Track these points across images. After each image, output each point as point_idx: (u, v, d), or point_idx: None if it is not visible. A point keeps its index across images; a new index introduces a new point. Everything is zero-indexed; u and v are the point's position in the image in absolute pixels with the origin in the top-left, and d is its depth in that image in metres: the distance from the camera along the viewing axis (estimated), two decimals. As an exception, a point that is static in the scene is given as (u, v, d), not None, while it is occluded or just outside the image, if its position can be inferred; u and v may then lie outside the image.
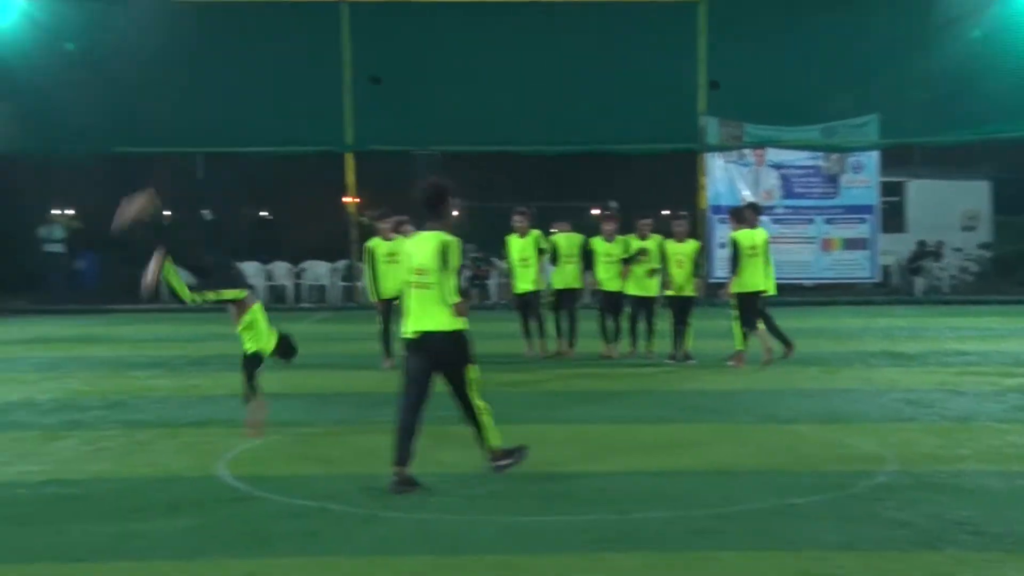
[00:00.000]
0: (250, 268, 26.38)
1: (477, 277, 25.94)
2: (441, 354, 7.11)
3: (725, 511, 6.33)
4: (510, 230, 14.46)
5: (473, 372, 7.20)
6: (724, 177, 24.71)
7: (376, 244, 13.33)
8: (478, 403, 7.19)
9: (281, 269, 26.69)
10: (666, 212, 18.60)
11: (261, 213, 37.76)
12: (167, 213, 18.03)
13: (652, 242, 14.10)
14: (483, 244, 25.01)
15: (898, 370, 12.69)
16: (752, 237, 13.27)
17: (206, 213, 32.67)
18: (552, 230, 15.39)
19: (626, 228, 14.82)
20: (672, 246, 13.77)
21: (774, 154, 24.65)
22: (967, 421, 9.27)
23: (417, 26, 24.51)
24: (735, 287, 13.04)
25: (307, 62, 24.00)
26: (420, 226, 7.40)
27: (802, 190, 24.99)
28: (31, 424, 9.55)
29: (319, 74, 24.15)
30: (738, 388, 11.34)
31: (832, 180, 24.99)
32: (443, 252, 6.99)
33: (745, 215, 13.61)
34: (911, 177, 29.88)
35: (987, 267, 29.98)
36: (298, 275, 26.57)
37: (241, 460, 7.93)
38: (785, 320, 14.53)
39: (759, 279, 13.16)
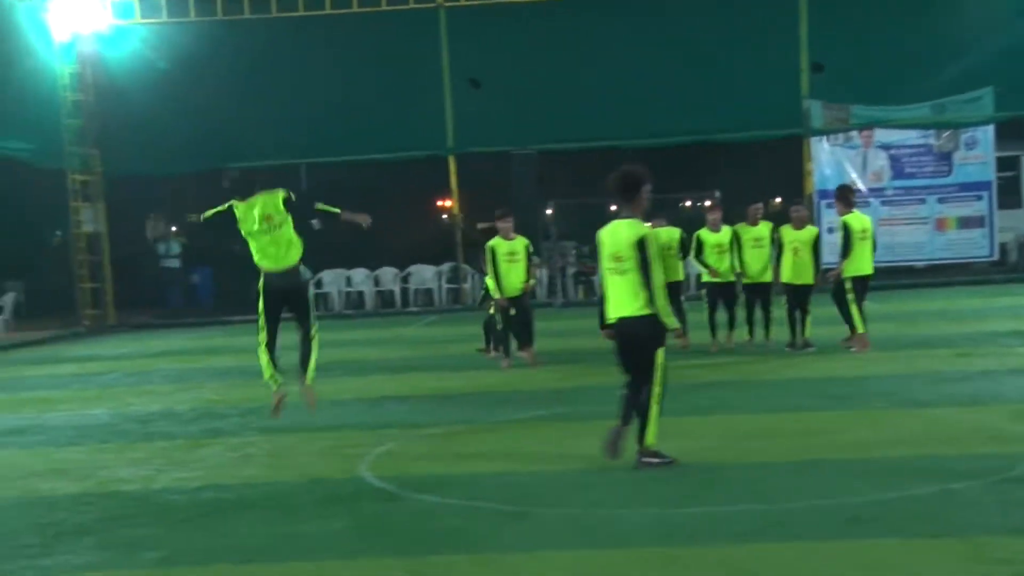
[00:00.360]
0: (358, 275, 26.85)
1: (583, 273, 25.96)
2: (635, 338, 7.26)
3: (879, 498, 6.22)
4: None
5: (661, 356, 7.27)
6: (831, 161, 24.26)
7: (497, 244, 13.40)
8: (656, 389, 7.23)
9: (388, 274, 27.05)
10: (777, 200, 18.35)
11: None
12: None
13: (764, 228, 13.92)
14: (584, 240, 25.02)
15: (1035, 350, 12.33)
16: (862, 221, 13.11)
17: (315, 223, 33.27)
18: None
19: (732, 218, 14.63)
20: (789, 232, 13.57)
21: (882, 135, 24.12)
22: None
23: (512, 27, 24.65)
24: (848, 271, 12.83)
25: (407, 69, 24.32)
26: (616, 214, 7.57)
27: (913, 170, 24.39)
28: (175, 433, 9.87)
29: (419, 80, 24.46)
30: (866, 373, 11.13)
31: (945, 158, 24.33)
32: (639, 241, 7.17)
33: (850, 197, 13.43)
34: (1025, 150, 28.91)
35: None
36: (404, 279, 26.90)
37: (381, 462, 8.07)
38: (901, 303, 14.23)
39: (868, 263, 12.99)
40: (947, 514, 5.82)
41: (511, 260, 13.33)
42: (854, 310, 12.89)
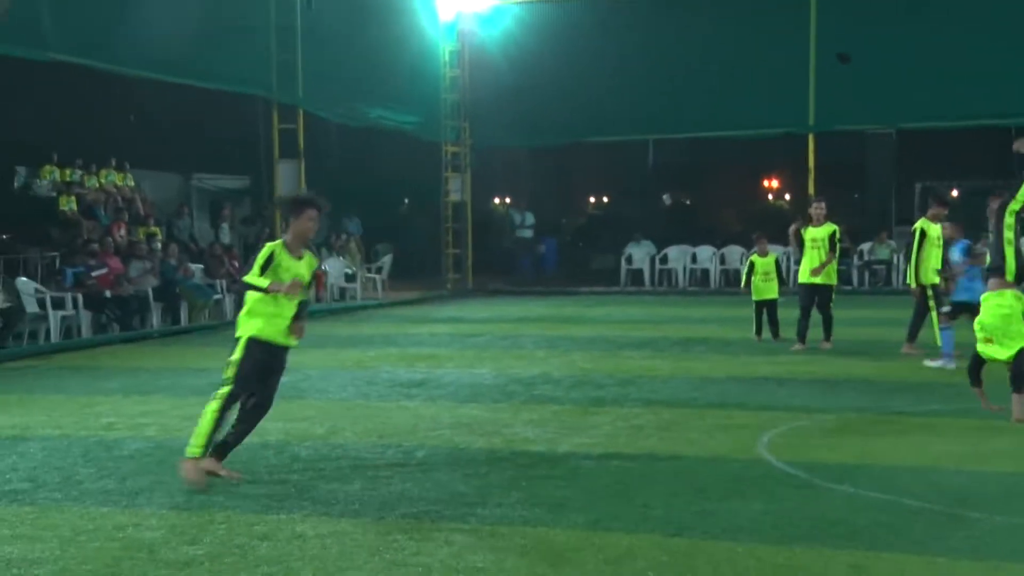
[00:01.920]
0: (704, 252, 26.57)
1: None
2: None
3: None
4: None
5: None
6: None
7: (925, 225, 12.45)
8: None
9: (734, 253, 26.56)
10: None
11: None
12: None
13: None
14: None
15: None
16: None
17: (666, 198, 33.42)
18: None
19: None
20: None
21: None
22: None
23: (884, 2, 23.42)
24: None
25: (772, 42, 23.68)
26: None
27: None
28: (561, 398, 10.13)
29: (784, 54, 23.75)
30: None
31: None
32: None
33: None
34: None
35: None
36: (722, 259, 26.27)
37: (779, 445, 7.84)
38: None
39: None
40: None
41: (812, 247, 13.40)
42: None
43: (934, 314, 12.04)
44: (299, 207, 7.12)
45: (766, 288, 14.32)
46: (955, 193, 24.57)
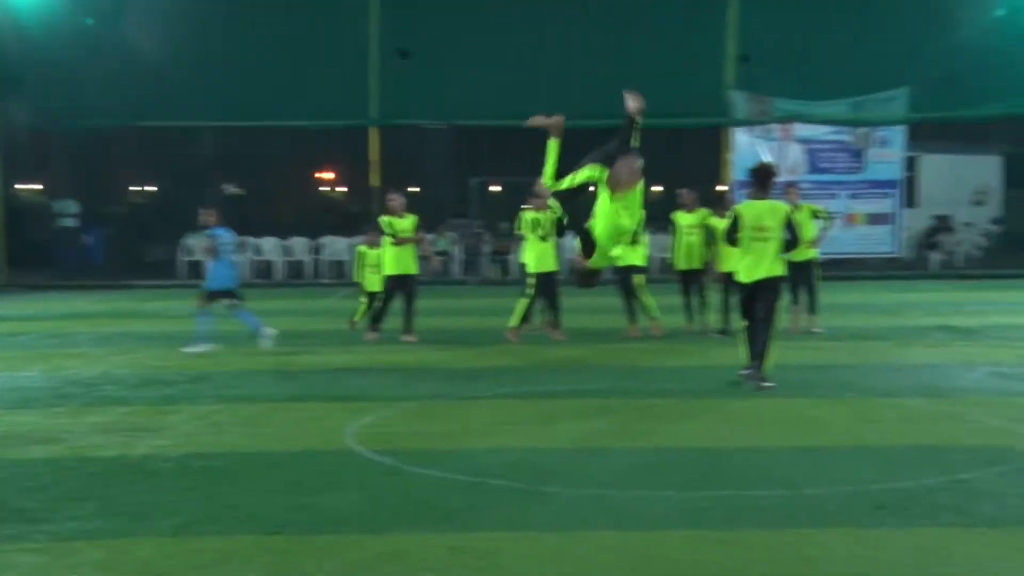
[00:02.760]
0: (268, 243, 26.19)
1: (499, 252, 25.84)
2: (771, 292, 9.62)
3: (896, 487, 6.28)
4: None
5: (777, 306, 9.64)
6: (749, 152, 24.66)
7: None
8: (773, 331, 9.57)
9: (300, 244, 26.48)
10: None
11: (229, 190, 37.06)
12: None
13: (698, 215, 14.04)
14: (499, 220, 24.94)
15: (970, 344, 12.73)
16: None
17: (228, 187, 32.34)
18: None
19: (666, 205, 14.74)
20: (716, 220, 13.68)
21: (800, 129, 24.62)
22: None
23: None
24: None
25: (335, 34, 23.75)
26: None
27: (827, 165, 24.99)
28: (128, 399, 9.41)
29: (345, 47, 23.90)
30: (818, 363, 11.31)
31: (858, 155, 25.01)
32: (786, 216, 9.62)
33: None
34: (923, 152, 29.99)
35: (997, 242, 30.20)
36: (317, 250, 26.37)
37: (367, 435, 7.82)
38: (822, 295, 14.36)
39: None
40: (975, 504, 5.91)
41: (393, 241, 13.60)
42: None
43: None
44: None
45: (378, 280, 14.04)
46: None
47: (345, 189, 38.47)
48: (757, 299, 9.64)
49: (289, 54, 23.78)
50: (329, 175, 38.95)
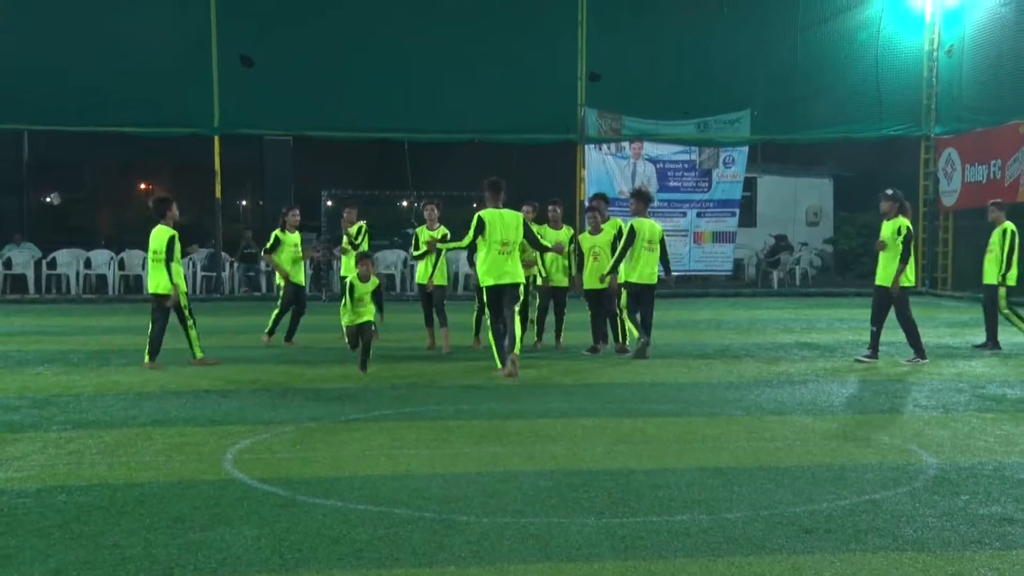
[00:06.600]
0: (65, 255, 24.59)
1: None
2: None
3: (813, 509, 6.13)
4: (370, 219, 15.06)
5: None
6: (602, 169, 24.85)
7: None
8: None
9: (102, 257, 24.96)
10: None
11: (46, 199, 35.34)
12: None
13: (565, 232, 13.91)
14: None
15: (832, 360, 12.97)
16: (653, 228, 13.09)
17: (54, 197, 30.48)
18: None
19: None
20: (588, 239, 13.64)
21: (651, 148, 24.96)
22: (949, 411, 9.48)
23: (287, 6, 23.69)
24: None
25: (177, 39, 22.73)
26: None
27: (676, 184, 25.41)
28: (-36, 426, 8.49)
29: (188, 52, 22.90)
30: (696, 380, 11.27)
31: (706, 175, 25.52)
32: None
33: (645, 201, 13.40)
34: (761, 173, 31.05)
35: (830, 261, 31.52)
36: (121, 264, 24.91)
37: (246, 462, 7.24)
38: (666, 311, 14.55)
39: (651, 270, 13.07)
40: (893, 527, 5.81)
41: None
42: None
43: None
44: None
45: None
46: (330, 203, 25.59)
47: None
48: (641, 300, 12.95)
49: (126, 58, 22.58)
50: (157, 185, 37.39)
